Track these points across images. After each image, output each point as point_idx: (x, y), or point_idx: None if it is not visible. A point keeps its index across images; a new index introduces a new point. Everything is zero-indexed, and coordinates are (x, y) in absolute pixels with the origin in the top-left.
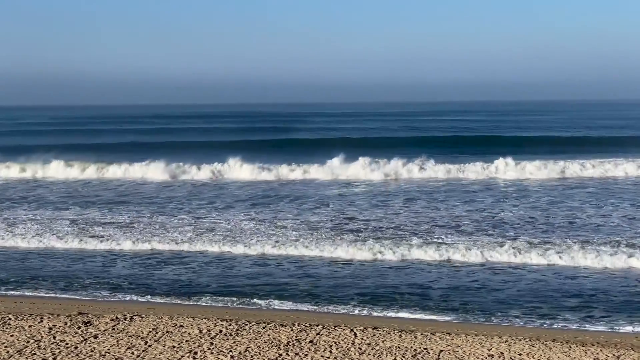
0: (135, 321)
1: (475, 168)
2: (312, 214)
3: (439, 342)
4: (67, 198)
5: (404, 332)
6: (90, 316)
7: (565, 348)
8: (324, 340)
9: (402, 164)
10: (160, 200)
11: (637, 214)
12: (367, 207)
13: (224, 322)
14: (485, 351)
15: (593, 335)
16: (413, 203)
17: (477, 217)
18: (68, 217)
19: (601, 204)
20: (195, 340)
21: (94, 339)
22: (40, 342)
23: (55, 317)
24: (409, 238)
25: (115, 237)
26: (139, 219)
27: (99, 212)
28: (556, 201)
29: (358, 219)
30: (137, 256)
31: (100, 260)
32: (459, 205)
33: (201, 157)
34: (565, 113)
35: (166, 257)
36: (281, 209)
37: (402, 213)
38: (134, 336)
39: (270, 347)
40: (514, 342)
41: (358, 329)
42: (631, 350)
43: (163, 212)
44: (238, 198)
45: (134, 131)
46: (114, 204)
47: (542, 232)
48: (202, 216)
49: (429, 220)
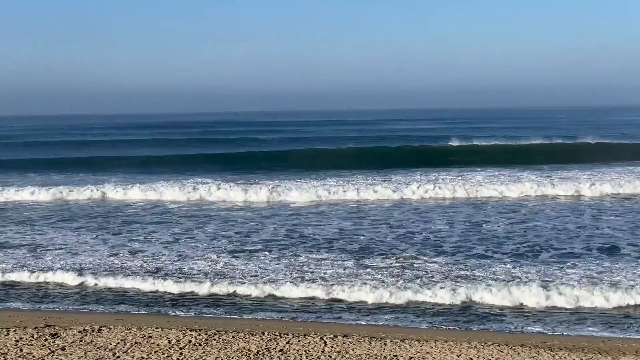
0: (104, 332)
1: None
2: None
3: (409, 349)
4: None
5: (373, 339)
6: (58, 328)
7: (534, 353)
8: (294, 349)
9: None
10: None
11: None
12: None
13: (193, 332)
14: (454, 357)
15: (561, 339)
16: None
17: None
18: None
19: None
20: (165, 351)
21: (62, 351)
22: (6, 355)
23: (22, 330)
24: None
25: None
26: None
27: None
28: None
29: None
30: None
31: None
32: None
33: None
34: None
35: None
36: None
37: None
38: (102, 348)
39: (240, 357)
40: (482, 348)
41: (328, 337)
42: (598, 354)
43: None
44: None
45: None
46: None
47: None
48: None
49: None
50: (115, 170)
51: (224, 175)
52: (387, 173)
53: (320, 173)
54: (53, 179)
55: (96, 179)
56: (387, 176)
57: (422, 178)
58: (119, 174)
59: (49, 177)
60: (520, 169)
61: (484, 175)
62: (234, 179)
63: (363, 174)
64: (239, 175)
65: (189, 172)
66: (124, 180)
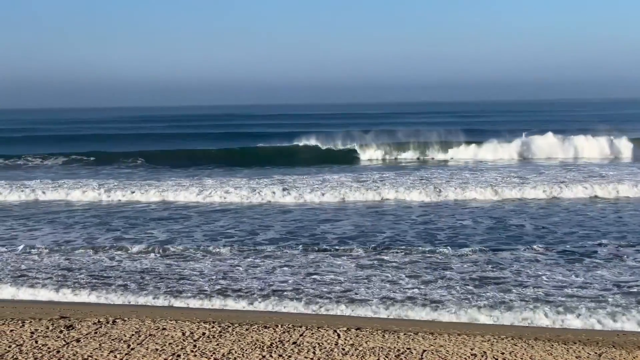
0: (118, 324)
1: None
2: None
3: (422, 342)
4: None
5: (387, 332)
6: (72, 320)
7: (547, 346)
8: (307, 341)
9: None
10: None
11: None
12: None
13: (206, 324)
14: (468, 350)
15: (575, 333)
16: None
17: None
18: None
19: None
20: (178, 343)
21: (76, 342)
22: (22, 347)
23: (37, 322)
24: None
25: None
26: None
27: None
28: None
29: None
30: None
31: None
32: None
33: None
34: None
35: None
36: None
37: None
38: (116, 339)
39: (254, 349)
40: (496, 341)
41: (341, 330)
42: (613, 348)
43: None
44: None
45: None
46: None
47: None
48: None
49: None
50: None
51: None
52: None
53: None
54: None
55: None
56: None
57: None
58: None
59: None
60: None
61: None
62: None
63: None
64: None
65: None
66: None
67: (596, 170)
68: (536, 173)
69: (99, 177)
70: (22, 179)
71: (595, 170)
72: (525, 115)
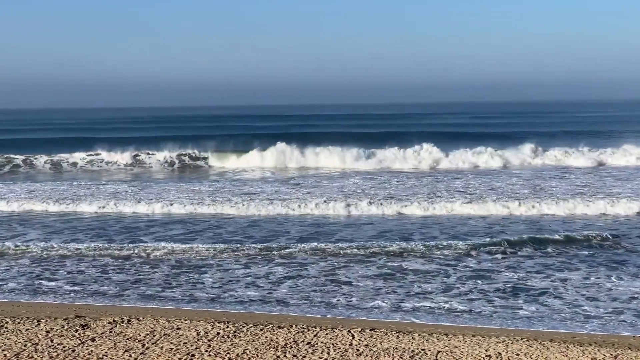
0: (133, 324)
1: None
2: None
3: (437, 343)
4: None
5: (401, 333)
6: (88, 319)
7: (563, 348)
8: (322, 341)
9: None
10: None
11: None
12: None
13: (221, 324)
14: (483, 352)
15: (590, 335)
16: None
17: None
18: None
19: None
20: (193, 343)
21: (92, 342)
22: (37, 346)
23: (53, 321)
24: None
25: None
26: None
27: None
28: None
29: None
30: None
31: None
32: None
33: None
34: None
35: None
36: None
37: None
38: (131, 339)
39: (268, 349)
40: (511, 343)
41: (355, 331)
42: (629, 350)
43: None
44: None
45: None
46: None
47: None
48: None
49: None
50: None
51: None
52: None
53: None
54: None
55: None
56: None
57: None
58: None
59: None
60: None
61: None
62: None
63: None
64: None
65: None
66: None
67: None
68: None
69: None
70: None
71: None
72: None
